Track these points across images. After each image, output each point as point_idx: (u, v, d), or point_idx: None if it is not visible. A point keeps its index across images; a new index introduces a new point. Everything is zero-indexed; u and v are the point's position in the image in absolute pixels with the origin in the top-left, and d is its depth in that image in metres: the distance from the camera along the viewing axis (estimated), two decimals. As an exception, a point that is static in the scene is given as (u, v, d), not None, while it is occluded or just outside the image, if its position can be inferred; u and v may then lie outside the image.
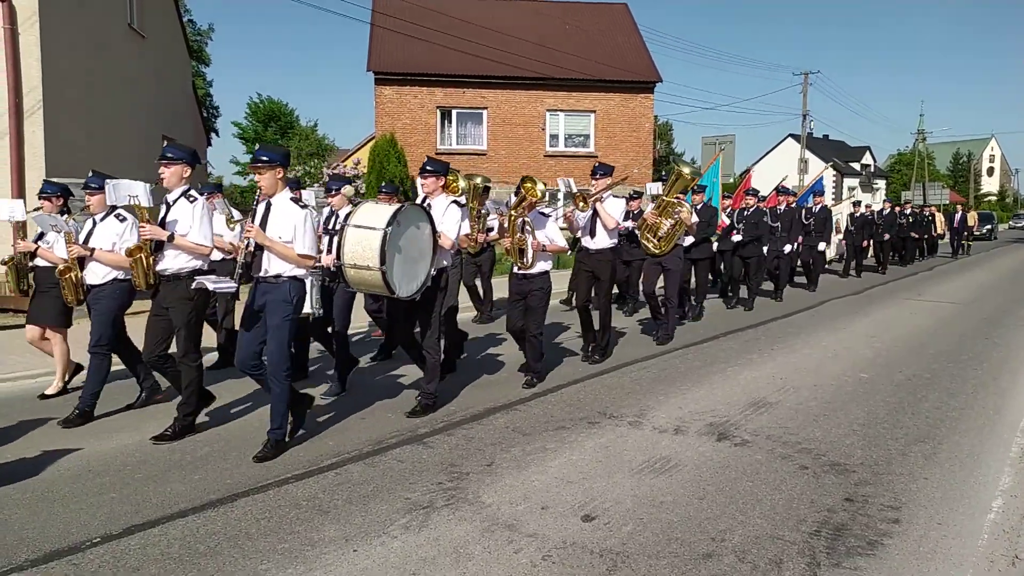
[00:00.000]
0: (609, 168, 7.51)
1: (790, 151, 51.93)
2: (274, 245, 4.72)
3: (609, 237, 7.33)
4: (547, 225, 6.45)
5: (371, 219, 5.01)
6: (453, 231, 5.68)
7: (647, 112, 24.75)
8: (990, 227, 38.12)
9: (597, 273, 7.39)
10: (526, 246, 6.26)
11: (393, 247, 4.96)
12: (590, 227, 7.39)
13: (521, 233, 6.26)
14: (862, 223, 16.84)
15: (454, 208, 5.74)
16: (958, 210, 27.04)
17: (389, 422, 5.52)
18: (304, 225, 4.79)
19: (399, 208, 5.09)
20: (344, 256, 5.01)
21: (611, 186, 7.30)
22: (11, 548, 3.48)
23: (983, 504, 4.01)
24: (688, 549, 3.47)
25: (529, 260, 6.28)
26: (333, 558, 3.38)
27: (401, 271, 5.10)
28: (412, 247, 5.22)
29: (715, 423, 5.45)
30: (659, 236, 8.29)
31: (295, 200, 4.87)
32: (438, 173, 5.88)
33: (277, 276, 4.78)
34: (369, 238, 4.93)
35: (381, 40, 23.24)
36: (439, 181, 5.87)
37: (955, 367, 7.37)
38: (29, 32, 10.87)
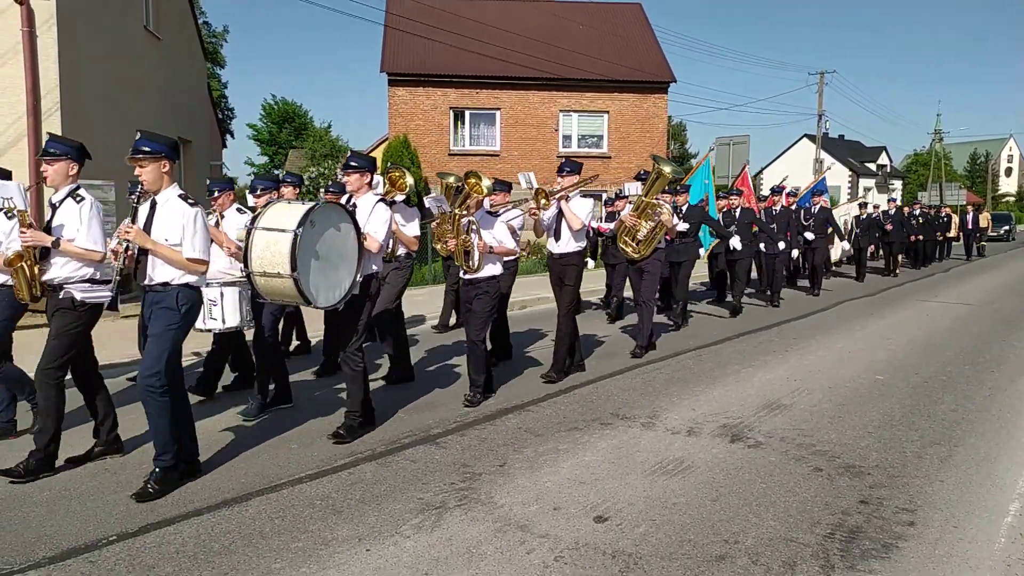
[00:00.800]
0: (577, 165, 6.95)
1: (805, 151, 51.65)
2: (159, 248, 4.14)
3: (576, 240, 6.76)
4: (495, 226, 6.05)
5: (281, 220, 4.49)
6: (381, 232, 5.21)
7: (661, 112, 24.70)
8: (1008, 228, 37.69)
9: (563, 279, 6.84)
10: (472, 248, 5.83)
11: (307, 251, 4.48)
12: (555, 228, 6.82)
13: (466, 234, 5.84)
14: (868, 224, 16.47)
15: (381, 208, 5.29)
16: (968, 211, 26.02)
17: (402, 422, 5.54)
18: (194, 225, 4.19)
19: (312, 207, 4.56)
20: (252, 262, 4.48)
21: (579, 184, 6.81)
22: (30, 545, 3.52)
23: (1000, 507, 3.97)
24: (701, 551, 3.46)
25: (475, 263, 5.84)
26: (346, 557, 3.40)
27: (319, 278, 4.62)
28: (332, 251, 4.72)
29: (729, 424, 5.43)
30: (638, 240, 7.85)
31: (184, 197, 4.27)
32: (362, 169, 5.36)
33: (165, 284, 4.19)
34: (279, 242, 4.41)
35: (395, 41, 23.32)
36: (364, 178, 5.36)
37: (971, 369, 7.30)
38: (47, 34, 10.98)
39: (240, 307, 5.69)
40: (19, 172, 10.63)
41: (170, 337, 4.17)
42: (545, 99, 23.83)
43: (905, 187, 60.99)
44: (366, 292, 5.17)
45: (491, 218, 6.09)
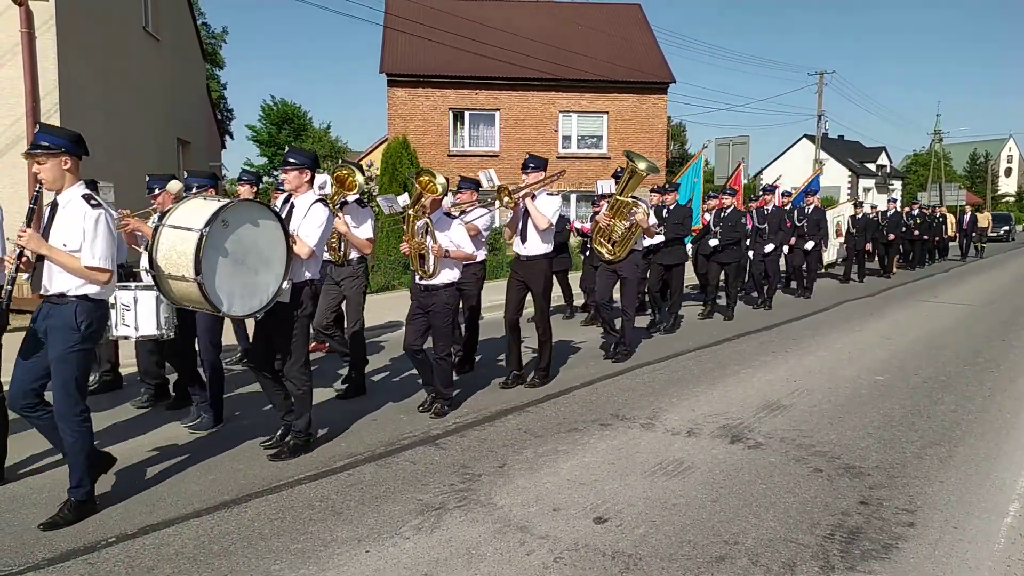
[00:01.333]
0: (542, 161, 6.53)
1: (805, 152, 51.66)
2: (54, 254, 3.74)
3: (543, 241, 6.38)
4: (452, 228, 5.64)
5: (189, 218, 4.10)
6: (313, 236, 4.72)
7: (660, 113, 24.72)
8: (1007, 228, 37.69)
9: (529, 284, 6.45)
10: (426, 251, 5.48)
11: (215, 253, 4.08)
12: (521, 229, 6.44)
13: (421, 237, 5.49)
14: (864, 225, 16.16)
15: (318, 209, 4.80)
16: (966, 211, 25.54)
17: (401, 423, 5.53)
18: (95, 229, 3.76)
19: (225, 205, 4.16)
20: (158, 263, 4.09)
21: (545, 181, 6.46)
22: (28, 547, 3.52)
23: (1000, 508, 3.97)
24: (701, 552, 3.45)
25: (431, 268, 5.50)
26: (345, 559, 3.40)
27: (232, 283, 4.22)
28: (250, 254, 4.31)
29: (728, 425, 5.43)
30: (613, 241, 7.56)
31: (88, 198, 3.84)
32: (302, 166, 4.90)
33: (61, 295, 3.80)
34: (185, 241, 4.03)
35: (394, 42, 23.34)
36: (303, 176, 4.89)
37: (971, 370, 7.30)
38: (46, 35, 10.98)
39: (157, 313, 5.11)
40: (18, 173, 10.65)
41: (73, 362, 3.79)
42: (544, 100, 23.85)
43: (905, 187, 60.99)
44: (297, 301, 4.71)
45: (448, 220, 5.68)
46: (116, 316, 5.05)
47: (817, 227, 13.48)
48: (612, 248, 7.59)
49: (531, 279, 6.45)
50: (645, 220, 7.48)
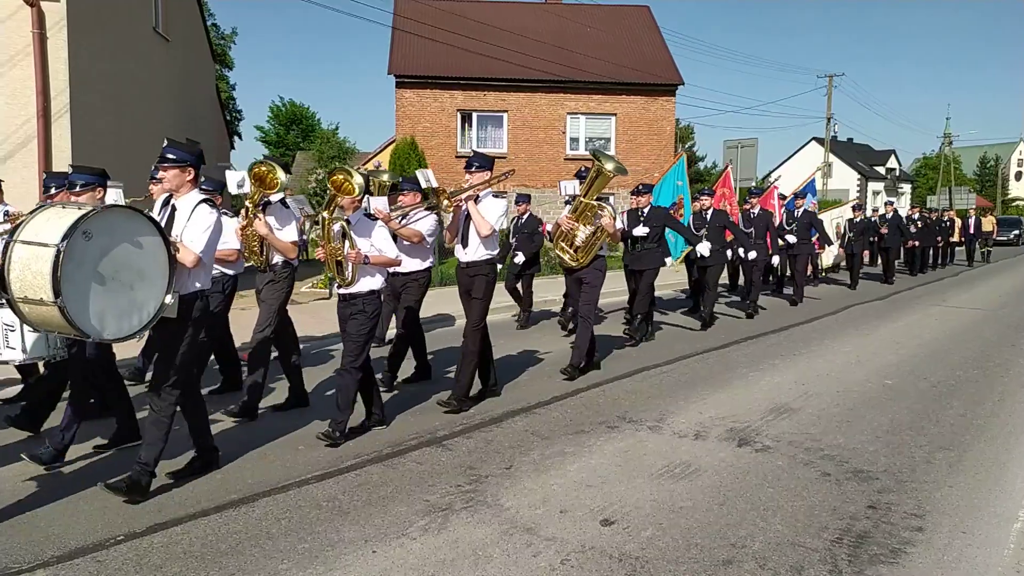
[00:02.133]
0: (487, 160, 6.04)
1: (814, 154, 51.50)
2: None
3: (486, 246, 5.90)
4: (374, 232, 5.16)
5: (43, 231, 3.49)
6: (199, 242, 4.10)
7: (669, 115, 24.68)
8: (1017, 232, 37.47)
9: (471, 292, 6.01)
10: (344, 258, 5.05)
11: (78, 270, 3.50)
12: (462, 234, 5.98)
13: (338, 242, 5.06)
14: (862, 228, 15.64)
15: (204, 212, 4.18)
16: (970, 214, 24.31)
17: (408, 424, 5.54)
18: None
19: (85, 214, 3.56)
20: (11, 286, 3.50)
21: (491, 182, 5.99)
22: (38, 545, 3.53)
23: (1009, 513, 3.95)
24: (708, 555, 3.45)
25: (349, 275, 5.08)
26: (352, 559, 3.40)
27: (103, 304, 3.66)
28: (122, 268, 3.74)
29: (736, 428, 5.41)
30: (576, 246, 7.02)
31: None
32: (183, 163, 4.23)
33: None
34: (40, 259, 3.43)
35: (402, 43, 23.38)
36: (184, 174, 4.23)
37: (981, 374, 7.26)
38: (57, 36, 11.04)
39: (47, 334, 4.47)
40: (28, 174, 10.71)
41: None
42: (553, 101, 23.84)
43: (914, 191, 60.75)
44: (188, 316, 4.15)
45: (369, 223, 5.21)
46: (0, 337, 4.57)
47: (806, 231, 12.93)
48: (575, 254, 7.04)
49: (473, 285, 5.98)
50: (612, 224, 6.87)
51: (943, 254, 21.06)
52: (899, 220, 17.04)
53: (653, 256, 8.95)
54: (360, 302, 5.16)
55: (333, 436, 5.03)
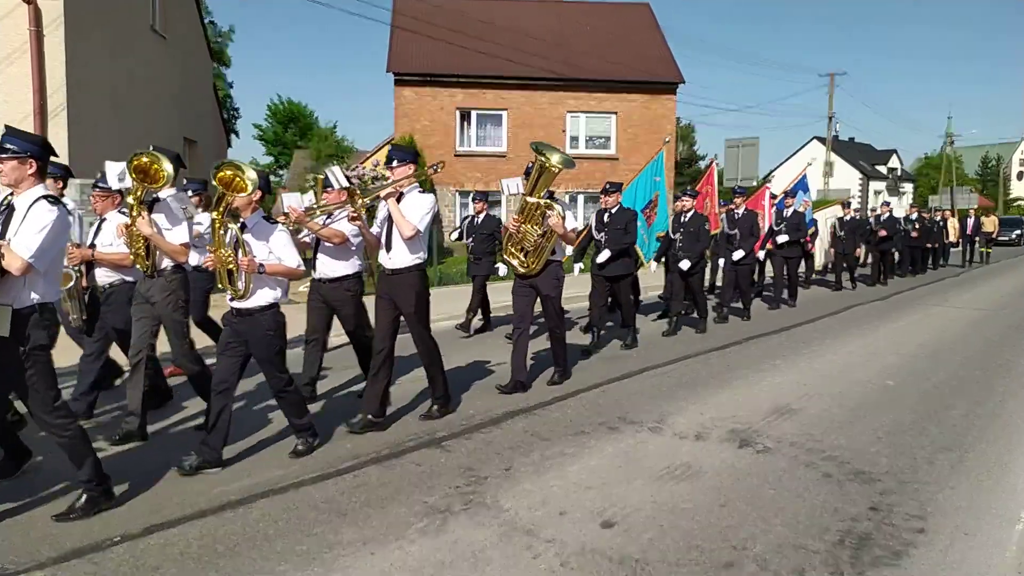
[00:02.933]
0: (410, 153, 5.48)
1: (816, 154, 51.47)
2: None
3: (411, 250, 5.28)
4: (272, 237, 4.54)
5: None
6: (31, 246, 3.59)
7: (669, 114, 24.64)
8: (1019, 232, 37.45)
9: (397, 302, 5.37)
10: (235, 266, 4.45)
11: None
12: (385, 237, 5.37)
13: (230, 247, 4.46)
14: (852, 228, 15.00)
15: (42, 209, 3.67)
16: (970, 214, 23.40)
17: (406, 425, 5.52)
18: None
19: None
20: None
21: (414, 177, 5.43)
22: (34, 546, 3.51)
23: (1011, 514, 3.93)
24: (709, 557, 3.42)
25: (242, 287, 4.48)
26: (350, 560, 3.38)
27: None
28: None
29: (737, 429, 5.39)
30: (526, 251, 6.34)
31: None
32: (24, 154, 3.76)
33: None
34: None
35: (401, 41, 23.35)
36: (25, 167, 3.75)
37: (983, 375, 7.24)
38: (54, 34, 11.03)
39: None
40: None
41: None
42: (553, 100, 23.81)
43: (916, 191, 60.74)
44: (21, 333, 3.66)
45: (268, 226, 4.58)
46: None
47: (796, 230, 12.35)
48: (525, 259, 6.35)
49: (399, 296, 5.36)
50: (560, 225, 6.10)
51: (935, 256, 20.16)
52: (893, 221, 16.44)
53: (623, 263, 8.33)
54: (257, 317, 4.54)
55: (308, 444, 4.81)
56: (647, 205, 10.41)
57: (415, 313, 5.39)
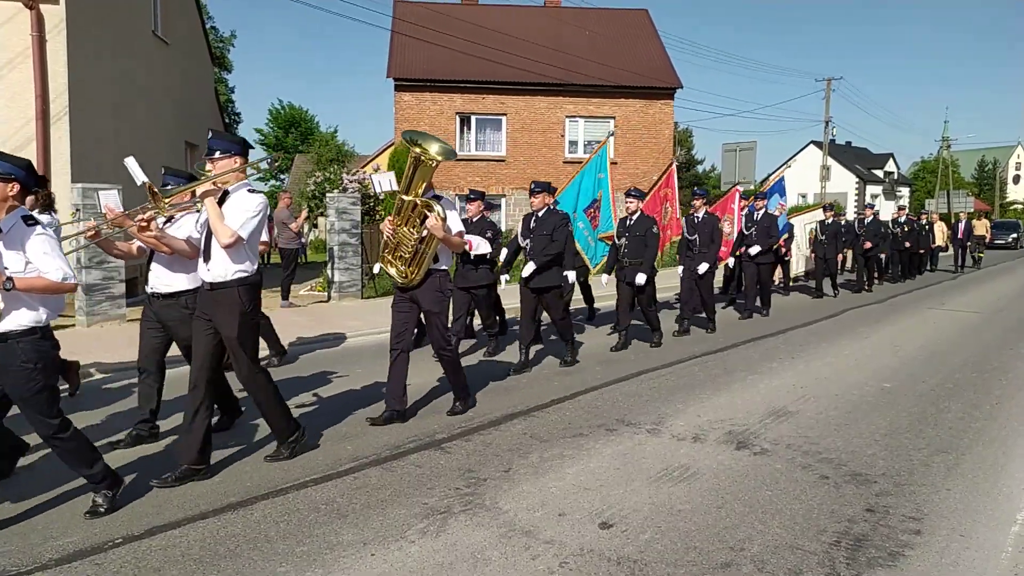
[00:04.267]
0: (236, 143, 4.57)
1: (812, 158, 51.59)
2: None
3: (234, 260, 4.39)
4: (29, 242, 3.63)
5: None
6: None
7: (667, 118, 24.73)
8: (1016, 236, 37.55)
9: (216, 323, 4.44)
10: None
11: None
12: (204, 243, 4.47)
13: None
14: (834, 232, 14.46)
15: None
16: (960, 218, 22.77)
17: (407, 427, 5.54)
18: None
19: None
20: None
21: (239, 171, 4.52)
22: (36, 547, 3.53)
23: (1007, 516, 3.95)
24: (706, 558, 3.45)
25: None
26: (351, 562, 3.40)
27: None
28: None
29: (734, 432, 5.42)
30: (403, 257, 5.46)
31: None
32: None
33: None
34: None
35: (401, 47, 23.43)
36: None
37: (979, 377, 7.27)
38: (56, 39, 11.05)
39: None
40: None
41: None
42: (551, 104, 23.90)
43: (912, 194, 60.86)
44: None
45: (25, 230, 3.66)
46: None
47: (767, 235, 11.49)
48: (405, 269, 5.48)
49: (218, 317, 4.43)
50: (440, 228, 5.23)
51: (922, 261, 19.63)
52: (878, 225, 15.95)
53: (551, 273, 7.40)
54: (12, 345, 3.63)
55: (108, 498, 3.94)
56: (590, 205, 9.71)
57: (237, 338, 4.43)
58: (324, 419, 5.70)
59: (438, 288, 5.57)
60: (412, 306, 5.61)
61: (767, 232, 11.55)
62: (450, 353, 5.82)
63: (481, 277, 8.07)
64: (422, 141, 5.26)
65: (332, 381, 7.06)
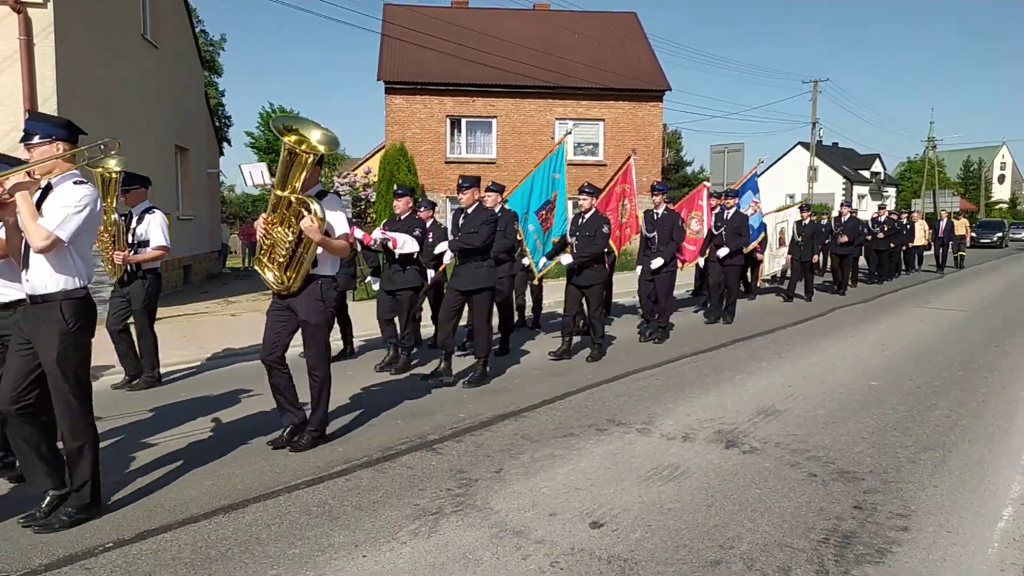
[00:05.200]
0: (58, 126, 3.87)
1: (800, 159, 51.86)
2: None
3: (57, 268, 3.71)
4: None
5: None
6: None
7: (656, 120, 24.80)
8: (1000, 234, 37.91)
9: (35, 344, 3.73)
10: None
11: None
12: (25, 249, 3.76)
13: None
14: (812, 233, 13.74)
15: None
16: (941, 216, 22.10)
17: (398, 429, 5.55)
18: None
19: None
20: None
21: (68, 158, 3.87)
22: (25, 552, 3.52)
23: (993, 513, 4.00)
24: (696, 556, 3.47)
25: None
26: (343, 563, 3.41)
27: None
28: None
29: (724, 430, 5.45)
30: (278, 261, 4.82)
31: None
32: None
33: None
34: None
35: (392, 50, 23.43)
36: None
37: (965, 375, 7.34)
38: (44, 43, 10.99)
39: None
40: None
41: None
42: (541, 107, 23.93)
43: (899, 194, 61.26)
44: None
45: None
46: None
47: (737, 234, 10.90)
48: (280, 274, 4.84)
49: (37, 337, 3.74)
50: (317, 230, 4.57)
51: (905, 260, 19.34)
52: (856, 224, 15.32)
53: (477, 275, 6.84)
54: None
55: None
56: (543, 206, 9.10)
57: (57, 362, 3.68)
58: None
59: (318, 296, 4.90)
60: (289, 315, 4.96)
61: (736, 232, 10.96)
62: (321, 373, 5.07)
63: (408, 279, 7.48)
64: (300, 128, 4.58)
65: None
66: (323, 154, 4.65)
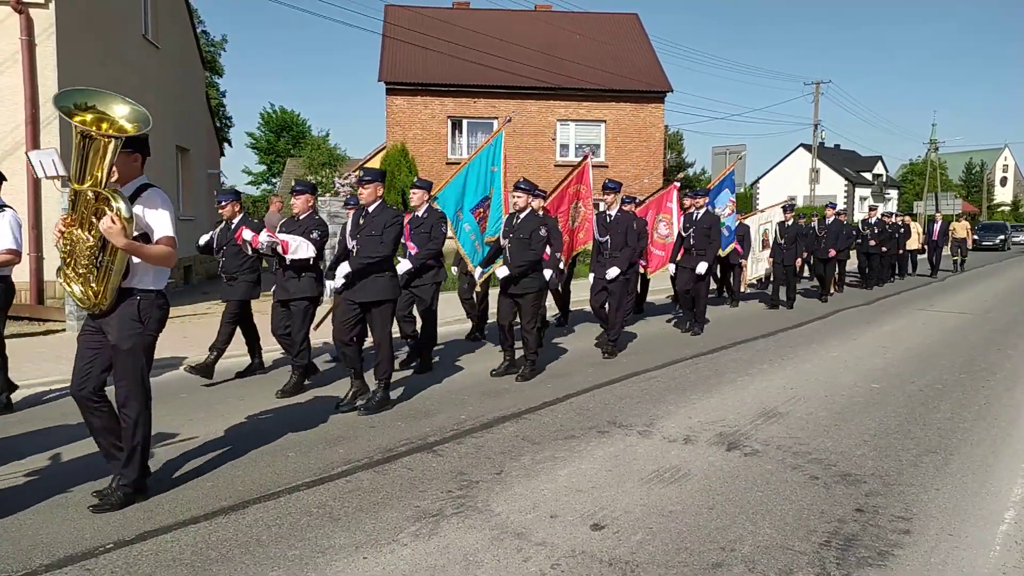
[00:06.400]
0: None
1: (801, 161, 51.85)
2: None
3: None
4: None
5: None
6: None
7: (657, 122, 24.83)
8: (1002, 237, 37.89)
9: None
10: None
11: None
12: None
13: None
14: (794, 235, 12.97)
15: None
16: (936, 219, 21.49)
17: (399, 430, 5.54)
18: None
19: None
20: None
21: None
22: (26, 553, 3.51)
23: (995, 515, 3.99)
24: (698, 558, 3.46)
25: None
26: (343, 565, 3.40)
27: None
28: None
29: (725, 433, 5.44)
30: (79, 272, 3.88)
31: None
32: None
33: None
34: None
35: (393, 51, 23.46)
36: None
37: (967, 378, 7.33)
38: (46, 43, 11.01)
39: None
40: (17, 180, 10.66)
41: None
42: (543, 108, 23.96)
43: (901, 197, 61.25)
44: None
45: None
46: None
47: (707, 237, 9.92)
48: (86, 288, 3.89)
49: None
50: (118, 233, 3.66)
51: (899, 264, 18.72)
52: (840, 227, 14.50)
53: (378, 284, 5.99)
54: None
55: None
56: (479, 203, 8.29)
57: None
58: (317, 422, 5.69)
59: (134, 316, 3.94)
60: (103, 339, 3.99)
61: (706, 235, 9.93)
62: (132, 417, 4.02)
63: (303, 288, 6.72)
64: (99, 104, 3.71)
65: (329, 382, 7.03)
66: (132, 136, 3.70)
